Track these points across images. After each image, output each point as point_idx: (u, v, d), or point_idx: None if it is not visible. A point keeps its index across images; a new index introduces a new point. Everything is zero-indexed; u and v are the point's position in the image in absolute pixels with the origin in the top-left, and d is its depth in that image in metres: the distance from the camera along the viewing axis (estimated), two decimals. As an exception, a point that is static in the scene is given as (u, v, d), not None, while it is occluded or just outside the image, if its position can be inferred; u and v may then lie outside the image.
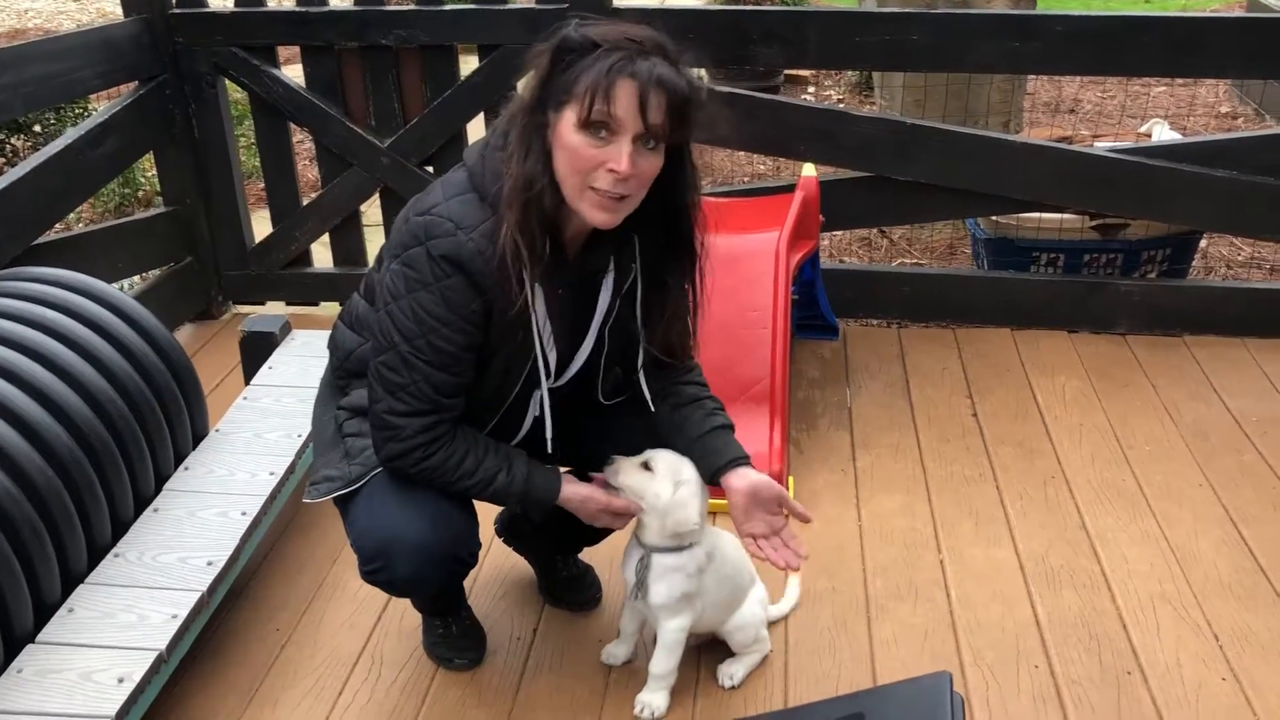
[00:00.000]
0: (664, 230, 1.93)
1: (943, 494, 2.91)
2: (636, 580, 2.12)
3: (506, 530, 2.51)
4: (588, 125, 1.73)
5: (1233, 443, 3.11)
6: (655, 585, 2.09)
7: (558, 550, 2.48)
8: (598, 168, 1.75)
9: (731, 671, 2.26)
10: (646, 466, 2.05)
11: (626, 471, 2.05)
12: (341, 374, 2.13)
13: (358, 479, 2.01)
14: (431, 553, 1.97)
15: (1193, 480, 2.94)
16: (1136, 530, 2.74)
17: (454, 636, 2.33)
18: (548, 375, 2.00)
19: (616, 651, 2.32)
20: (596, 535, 2.36)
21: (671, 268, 1.98)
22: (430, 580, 2.04)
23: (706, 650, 2.31)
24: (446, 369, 1.88)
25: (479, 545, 2.08)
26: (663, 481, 2.03)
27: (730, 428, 2.08)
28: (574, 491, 2.04)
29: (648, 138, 1.75)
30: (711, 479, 2.05)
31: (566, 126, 1.75)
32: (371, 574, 2.01)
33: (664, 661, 2.16)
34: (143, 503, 2.42)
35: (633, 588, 2.13)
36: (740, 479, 2.01)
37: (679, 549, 2.09)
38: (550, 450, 2.06)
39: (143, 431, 2.41)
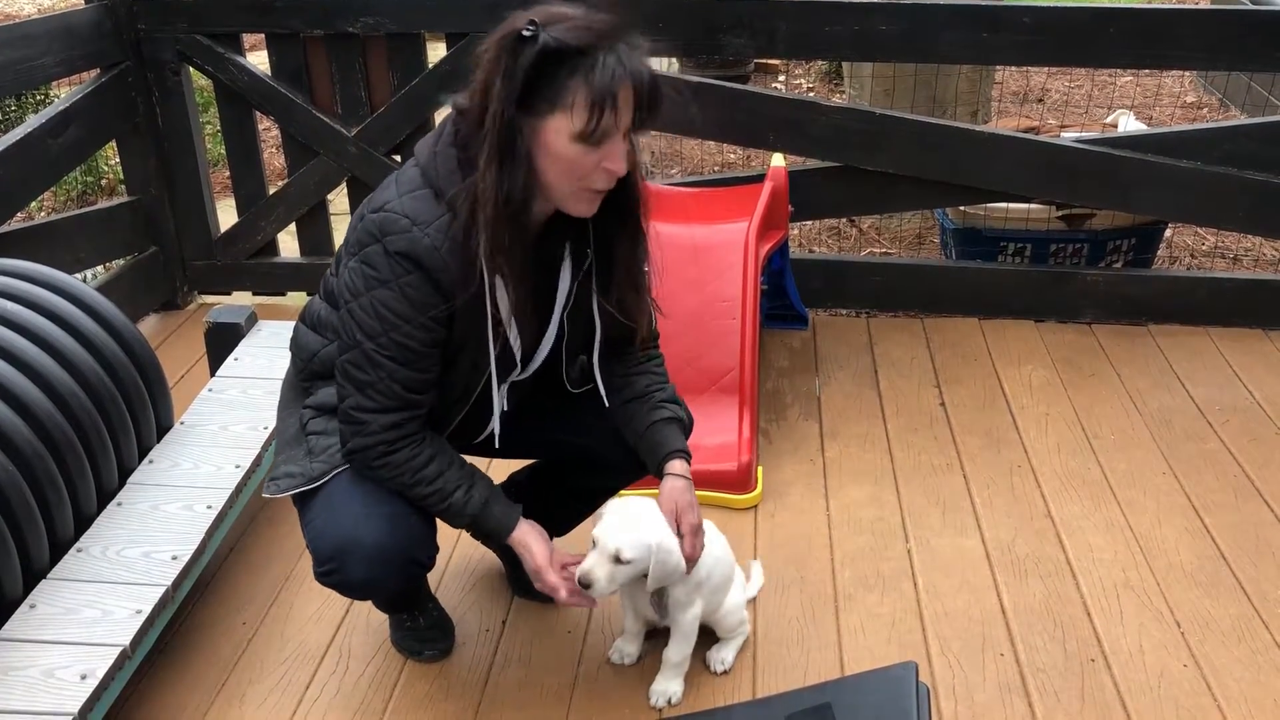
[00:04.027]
0: (614, 207, 1.92)
1: (910, 484, 2.92)
2: (657, 601, 2.13)
3: (474, 523, 2.50)
4: (589, 137, 1.71)
5: (1196, 431, 3.15)
6: (673, 588, 2.11)
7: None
8: (594, 170, 1.76)
9: (722, 657, 2.27)
10: (618, 559, 1.96)
11: (599, 567, 1.97)
12: (306, 376, 2.09)
13: (319, 477, 1.98)
14: (388, 555, 1.95)
15: (1157, 469, 2.97)
16: (1101, 519, 2.77)
17: (422, 629, 2.33)
18: (513, 367, 1.99)
19: (628, 649, 2.30)
20: (564, 528, 2.36)
21: (620, 241, 1.97)
22: (386, 583, 2.03)
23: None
24: (411, 365, 1.87)
25: (437, 549, 2.06)
26: (636, 549, 1.97)
27: (673, 419, 2.08)
28: (528, 538, 2.00)
29: (633, 130, 1.76)
30: (656, 472, 2.07)
31: (557, 137, 1.73)
32: (325, 575, 1.98)
33: (680, 649, 2.18)
34: (106, 497, 2.39)
35: (657, 609, 2.16)
36: (666, 479, 2.03)
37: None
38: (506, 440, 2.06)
39: (105, 424, 2.38)
